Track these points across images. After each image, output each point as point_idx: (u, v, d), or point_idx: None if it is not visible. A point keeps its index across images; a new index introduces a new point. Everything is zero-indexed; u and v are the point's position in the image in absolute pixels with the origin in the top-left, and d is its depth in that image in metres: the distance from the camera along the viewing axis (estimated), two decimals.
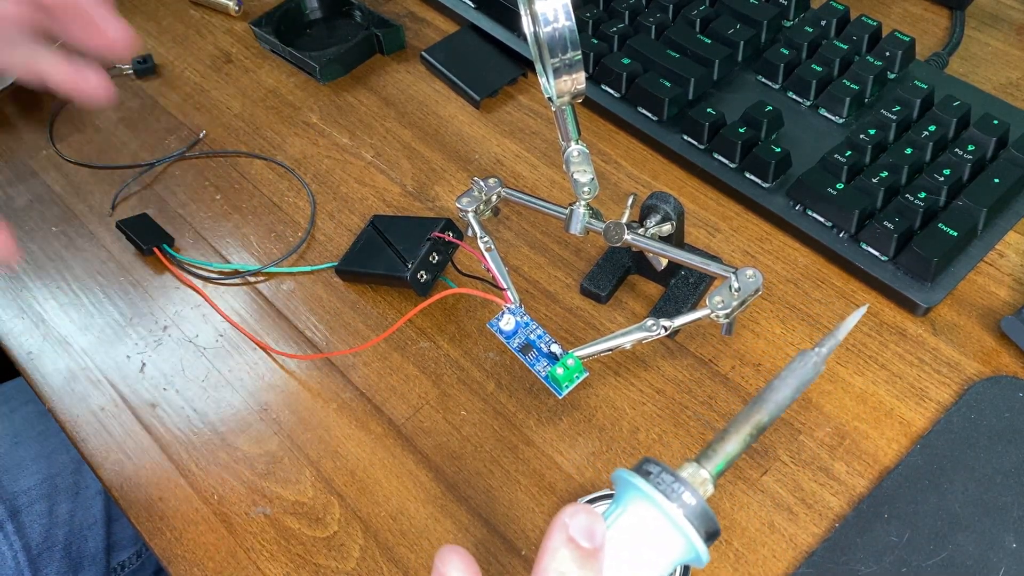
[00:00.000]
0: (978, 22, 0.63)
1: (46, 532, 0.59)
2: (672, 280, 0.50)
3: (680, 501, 0.28)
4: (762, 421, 0.31)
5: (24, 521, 0.58)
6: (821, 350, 0.31)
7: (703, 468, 0.30)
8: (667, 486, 0.29)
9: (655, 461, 0.30)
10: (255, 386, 0.49)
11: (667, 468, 0.29)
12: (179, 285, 0.54)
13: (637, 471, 0.30)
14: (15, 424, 0.63)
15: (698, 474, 0.30)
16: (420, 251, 0.49)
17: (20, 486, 0.60)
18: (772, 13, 0.60)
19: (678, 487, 0.29)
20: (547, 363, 0.44)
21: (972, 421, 0.44)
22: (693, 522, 0.28)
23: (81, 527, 0.60)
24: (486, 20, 0.65)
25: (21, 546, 0.58)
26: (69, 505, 0.60)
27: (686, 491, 0.29)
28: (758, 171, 0.53)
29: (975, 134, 0.52)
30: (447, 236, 0.50)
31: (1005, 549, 0.40)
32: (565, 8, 0.37)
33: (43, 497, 0.60)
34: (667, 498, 0.29)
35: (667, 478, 0.29)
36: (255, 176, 0.60)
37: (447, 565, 0.29)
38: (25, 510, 0.59)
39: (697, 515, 0.28)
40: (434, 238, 0.50)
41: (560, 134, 0.43)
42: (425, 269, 0.50)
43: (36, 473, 0.60)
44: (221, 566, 0.43)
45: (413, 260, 0.49)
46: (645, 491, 0.29)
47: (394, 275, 0.50)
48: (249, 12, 0.70)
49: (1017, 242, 0.51)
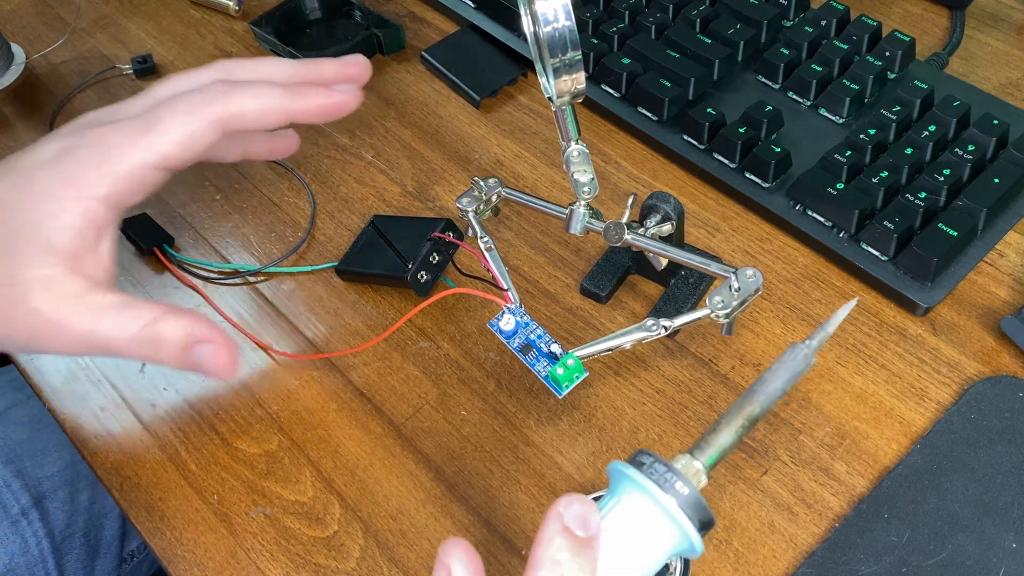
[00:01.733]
0: (978, 22, 0.63)
1: (68, 519, 0.59)
2: (672, 280, 0.50)
3: (673, 491, 0.29)
4: (754, 413, 0.31)
5: (48, 508, 0.58)
6: (811, 343, 0.32)
7: (696, 460, 0.30)
8: (660, 476, 0.29)
9: (649, 453, 0.30)
10: (255, 386, 0.49)
11: (660, 459, 0.30)
12: (179, 285, 0.54)
13: (631, 462, 0.30)
14: (32, 410, 0.63)
15: (691, 465, 0.30)
16: (420, 251, 0.49)
17: (44, 472, 0.59)
18: (772, 13, 0.60)
19: (671, 477, 0.29)
20: (547, 363, 0.44)
21: (972, 421, 0.44)
22: (686, 511, 0.29)
23: (99, 515, 0.60)
24: (486, 20, 0.65)
25: (45, 533, 0.57)
26: (89, 492, 0.60)
27: (679, 481, 0.29)
28: (758, 171, 0.53)
29: (975, 134, 0.52)
30: (447, 236, 0.50)
31: (1005, 549, 0.40)
32: (565, 8, 0.37)
33: (65, 483, 0.59)
34: (660, 488, 0.29)
35: (660, 468, 0.29)
36: (255, 176, 0.60)
37: (450, 556, 0.29)
38: (49, 496, 0.59)
39: (690, 504, 0.29)
40: (434, 238, 0.50)
41: (560, 134, 0.43)
42: (425, 269, 0.50)
43: (59, 459, 0.60)
44: (221, 566, 0.43)
45: (413, 260, 0.49)
46: (639, 481, 0.29)
47: (394, 275, 0.50)
48: (249, 12, 0.70)
49: (1017, 242, 0.51)
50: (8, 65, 0.66)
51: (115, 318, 0.36)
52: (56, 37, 0.69)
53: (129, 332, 0.36)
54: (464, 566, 0.29)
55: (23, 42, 0.69)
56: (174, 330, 0.36)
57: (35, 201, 0.36)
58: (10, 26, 0.71)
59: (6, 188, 0.38)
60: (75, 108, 0.65)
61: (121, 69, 0.67)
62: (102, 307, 0.36)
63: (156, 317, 0.36)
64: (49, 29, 0.71)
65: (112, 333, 0.36)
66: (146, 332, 0.36)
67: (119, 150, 0.37)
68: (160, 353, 0.37)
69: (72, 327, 0.36)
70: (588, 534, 0.28)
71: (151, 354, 0.37)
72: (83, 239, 0.37)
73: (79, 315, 0.36)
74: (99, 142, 0.37)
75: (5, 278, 0.36)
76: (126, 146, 0.37)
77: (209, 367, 0.37)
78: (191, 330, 0.37)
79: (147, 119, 0.38)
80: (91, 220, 0.37)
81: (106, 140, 0.37)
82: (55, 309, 0.36)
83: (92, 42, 0.69)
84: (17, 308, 0.36)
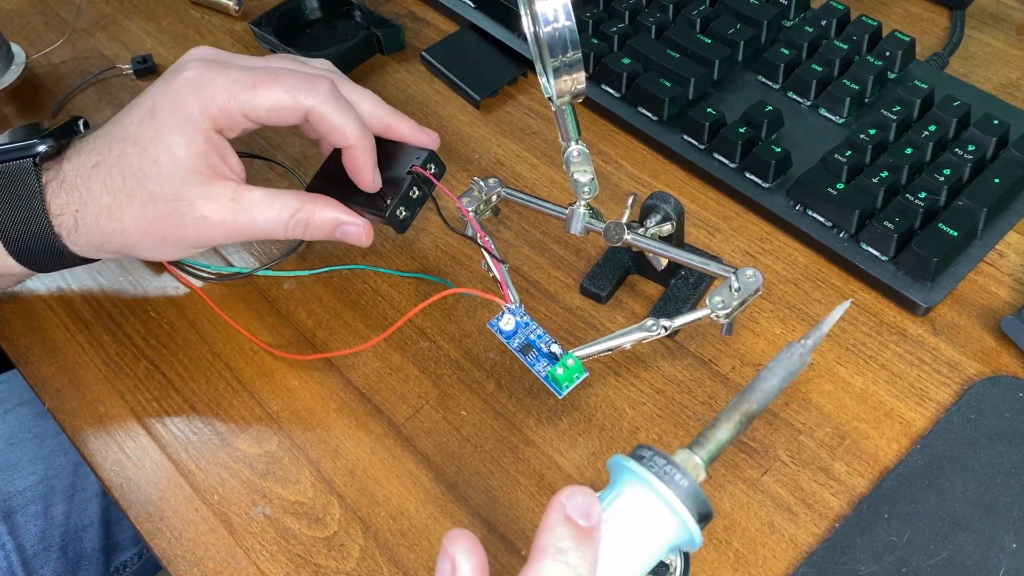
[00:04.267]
0: (978, 22, 0.63)
1: (41, 533, 0.59)
2: (672, 280, 0.50)
3: (673, 483, 0.29)
4: (751, 410, 0.32)
5: (19, 522, 0.58)
6: (807, 342, 0.33)
7: (695, 454, 0.31)
8: (660, 469, 0.30)
9: (649, 447, 0.31)
10: (255, 386, 0.49)
11: (661, 453, 0.30)
12: (178, 285, 0.54)
13: (632, 456, 0.30)
14: (9, 425, 0.63)
15: (691, 459, 0.31)
16: (400, 186, 0.46)
17: (15, 487, 0.59)
18: (772, 13, 0.60)
19: (671, 470, 0.30)
20: (547, 363, 0.44)
21: (972, 421, 0.44)
22: (686, 503, 0.29)
23: (77, 529, 0.60)
24: (486, 20, 0.65)
25: (14, 546, 0.58)
26: (65, 507, 0.60)
27: (679, 474, 0.30)
28: (758, 171, 0.53)
29: (975, 134, 0.52)
30: (427, 172, 0.47)
31: (1005, 549, 0.40)
32: (565, 8, 0.37)
33: (39, 498, 0.60)
34: (660, 480, 0.29)
35: (660, 461, 0.30)
36: (255, 176, 0.60)
37: (454, 545, 0.29)
38: (20, 511, 0.59)
39: (690, 497, 0.29)
40: (414, 172, 0.47)
41: (560, 134, 0.43)
42: (405, 205, 0.47)
43: (32, 474, 0.60)
44: (221, 566, 0.43)
45: (392, 196, 0.46)
46: (639, 474, 0.30)
47: (371, 212, 0.47)
48: (249, 12, 0.70)
49: (1017, 242, 0.51)
50: (8, 65, 0.66)
51: (268, 210, 0.45)
52: (56, 37, 0.69)
53: (283, 220, 0.45)
54: (468, 557, 0.29)
55: (23, 42, 0.69)
56: (323, 216, 0.46)
57: (164, 132, 0.43)
58: (10, 26, 0.71)
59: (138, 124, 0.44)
60: (75, 108, 0.65)
61: (121, 69, 0.67)
62: (254, 202, 0.44)
63: (300, 205, 0.45)
64: (49, 29, 0.71)
65: (268, 223, 0.45)
66: (298, 218, 0.45)
67: (218, 93, 0.43)
68: (310, 232, 0.46)
69: (236, 223, 0.44)
70: (590, 523, 0.29)
71: (303, 233, 0.46)
72: (213, 158, 0.44)
73: (239, 213, 0.44)
74: (209, 79, 0.43)
75: (170, 196, 0.43)
76: (224, 92, 0.43)
77: (352, 239, 0.47)
78: (334, 215, 0.46)
79: (254, 76, 0.44)
80: (212, 145, 0.44)
81: (215, 80, 0.43)
82: (219, 212, 0.44)
83: (92, 42, 0.69)
84: (186, 218, 0.44)
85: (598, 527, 0.29)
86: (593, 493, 0.29)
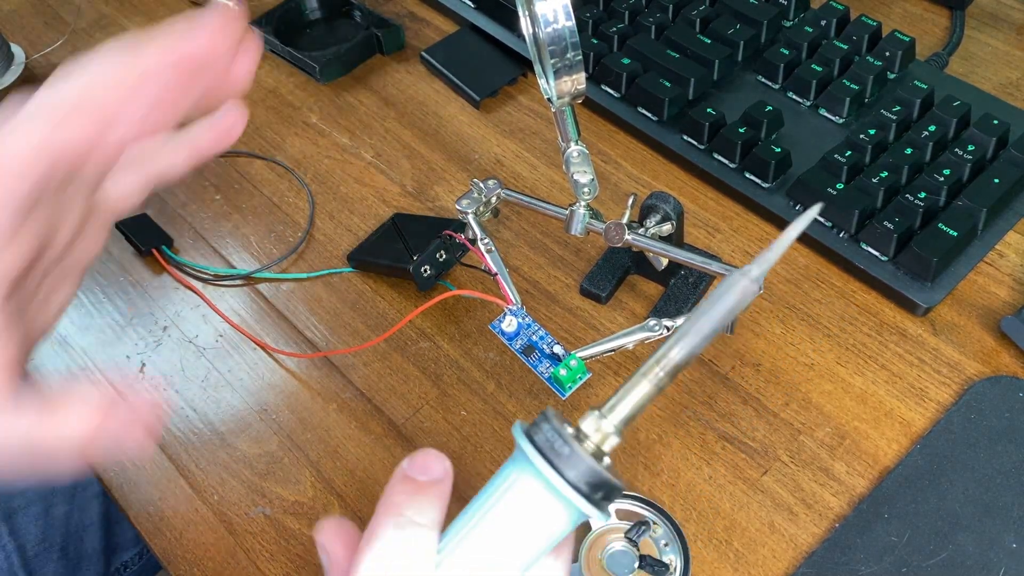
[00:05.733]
0: (978, 22, 0.63)
1: (42, 534, 0.59)
2: (672, 280, 0.50)
3: (554, 453, 0.27)
4: (674, 359, 0.27)
5: (20, 522, 0.58)
6: (752, 269, 0.26)
7: (605, 418, 0.28)
8: (544, 437, 0.27)
9: (552, 416, 0.28)
10: (255, 386, 0.49)
11: (556, 425, 0.27)
12: (178, 286, 0.54)
13: (530, 427, 0.28)
14: None
15: (598, 426, 0.28)
16: (428, 247, 0.49)
17: (16, 487, 0.59)
18: (772, 13, 0.60)
19: (554, 437, 0.27)
20: (550, 364, 0.44)
21: (972, 421, 0.44)
22: (568, 474, 0.27)
23: (78, 529, 0.60)
24: (486, 20, 0.65)
25: (15, 547, 0.58)
26: (65, 507, 0.60)
27: (560, 441, 0.27)
28: (758, 171, 0.53)
29: (975, 134, 0.52)
30: (459, 237, 0.50)
31: (1005, 549, 0.40)
32: (565, 9, 0.37)
33: (39, 499, 0.60)
34: (541, 453, 0.27)
35: (546, 428, 0.27)
36: (255, 176, 0.60)
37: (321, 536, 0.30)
38: (21, 511, 0.59)
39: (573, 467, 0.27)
40: (444, 236, 0.50)
41: (560, 135, 0.43)
42: (430, 264, 0.49)
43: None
44: (221, 566, 0.43)
45: (419, 254, 0.49)
46: (520, 445, 0.28)
47: (398, 266, 0.50)
48: (249, 12, 0.70)
49: (1017, 242, 0.51)
50: (8, 65, 0.66)
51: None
52: (56, 37, 0.69)
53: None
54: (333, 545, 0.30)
55: (23, 42, 0.69)
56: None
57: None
58: (10, 26, 0.71)
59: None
60: None
61: None
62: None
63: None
64: (49, 29, 0.71)
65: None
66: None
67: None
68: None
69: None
70: (430, 477, 0.29)
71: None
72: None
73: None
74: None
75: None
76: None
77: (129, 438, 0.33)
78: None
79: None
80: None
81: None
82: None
83: (92, 42, 0.69)
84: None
85: (440, 481, 0.29)
86: (438, 453, 0.29)
